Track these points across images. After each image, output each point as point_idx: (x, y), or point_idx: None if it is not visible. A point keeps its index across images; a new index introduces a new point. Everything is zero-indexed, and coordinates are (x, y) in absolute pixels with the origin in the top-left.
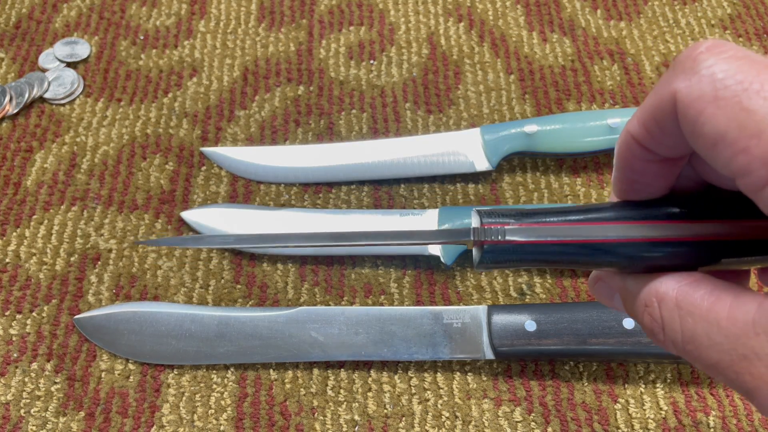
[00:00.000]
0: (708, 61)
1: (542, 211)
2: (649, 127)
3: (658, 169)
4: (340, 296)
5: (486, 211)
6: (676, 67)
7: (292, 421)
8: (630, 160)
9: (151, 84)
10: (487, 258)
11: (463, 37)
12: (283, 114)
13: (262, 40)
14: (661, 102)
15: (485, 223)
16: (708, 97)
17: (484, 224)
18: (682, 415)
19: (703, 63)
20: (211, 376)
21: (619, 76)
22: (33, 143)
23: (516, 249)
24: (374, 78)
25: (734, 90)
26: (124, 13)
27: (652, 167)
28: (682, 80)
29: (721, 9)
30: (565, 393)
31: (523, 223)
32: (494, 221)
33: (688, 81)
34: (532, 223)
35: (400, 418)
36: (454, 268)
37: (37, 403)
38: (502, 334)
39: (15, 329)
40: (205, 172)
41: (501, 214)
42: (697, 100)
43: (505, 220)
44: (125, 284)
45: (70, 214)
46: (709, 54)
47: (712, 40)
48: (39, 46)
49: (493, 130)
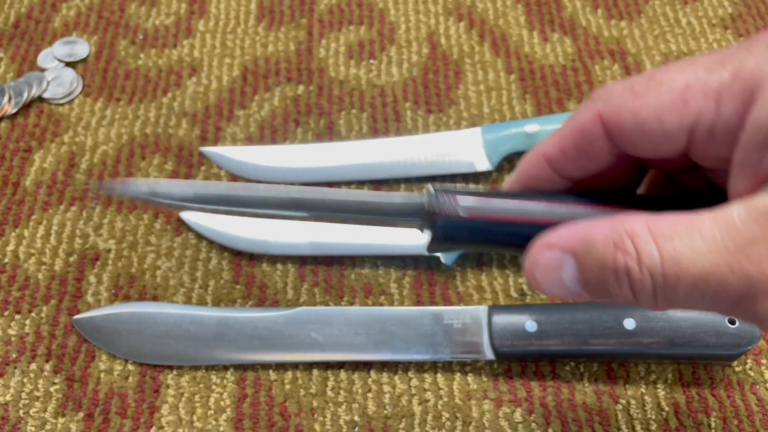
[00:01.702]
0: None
1: (496, 192)
2: (567, 150)
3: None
4: (340, 297)
5: (440, 186)
6: (591, 98)
7: (291, 421)
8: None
9: (150, 84)
10: (440, 232)
11: (463, 36)
12: (282, 114)
13: (262, 40)
14: (583, 126)
15: (440, 197)
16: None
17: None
18: (682, 415)
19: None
20: (211, 376)
21: (620, 76)
22: (32, 143)
23: (468, 226)
24: (374, 77)
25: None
26: (123, 12)
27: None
28: (601, 104)
29: (722, 8)
30: (565, 394)
31: (477, 198)
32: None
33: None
34: (486, 196)
35: (400, 419)
36: (455, 269)
37: (35, 403)
38: (503, 334)
39: (14, 329)
40: (205, 171)
41: (455, 191)
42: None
43: (460, 195)
44: (124, 284)
45: (69, 214)
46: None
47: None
48: (38, 46)
49: (494, 130)
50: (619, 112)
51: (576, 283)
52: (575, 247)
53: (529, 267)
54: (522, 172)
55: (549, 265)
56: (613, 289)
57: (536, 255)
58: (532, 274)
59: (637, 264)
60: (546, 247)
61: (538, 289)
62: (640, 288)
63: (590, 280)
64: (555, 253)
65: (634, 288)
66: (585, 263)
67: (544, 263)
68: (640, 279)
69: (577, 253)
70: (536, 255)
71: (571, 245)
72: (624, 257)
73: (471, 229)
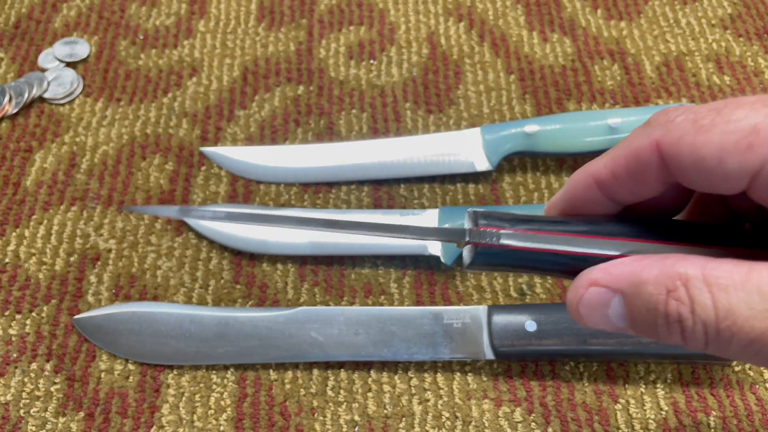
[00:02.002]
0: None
1: (538, 219)
2: (618, 175)
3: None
4: (340, 296)
5: (482, 212)
6: (650, 124)
7: (291, 421)
8: (583, 197)
9: (150, 84)
10: (479, 260)
11: (463, 36)
12: (282, 114)
13: (262, 40)
14: (638, 152)
15: (481, 225)
16: (691, 131)
17: (480, 226)
18: (682, 415)
19: (672, 113)
20: (211, 376)
21: (620, 76)
22: (32, 143)
23: (509, 254)
24: (374, 78)
25: (711, 119)
26: (123, 12)
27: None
28: (660, 131)
29: (721, 9)
30: (565, 393)
31: (519, 229)
32: (490, 224)
33: (666, 129)
34: (528, 229)
35: (400, 419)
36: (454, 269)
37: (36, 403)
38: (503, 334)
39: (14, 329)
40: (205, 172)
41: (497, 218)
42: (682, 138)
43: (501, 224)
44: (125, 284)
45: (69, 214)
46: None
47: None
48: (38, 46)
49: (493, 130)
50: (679, 145)
51: (622, 321)
52: (624, 288)
53: (574, 301)
54: (569, 192)
55: (595, 301)
56: (662, 332)
57: (582, 290)
58: (576, 308)
59: (690, 313)
60: (593, 284)
61: (581, 323)
62: (691, 336)
63: (638, 321)
64: (602, 290)
65: (685, 336)
66: (634, 304)
67: (589, 299)
68: (692, 328)
69: (625, 293)
70: (582, 290)
71: (620, 285)
72: (676, 304)
73: (512, 259)
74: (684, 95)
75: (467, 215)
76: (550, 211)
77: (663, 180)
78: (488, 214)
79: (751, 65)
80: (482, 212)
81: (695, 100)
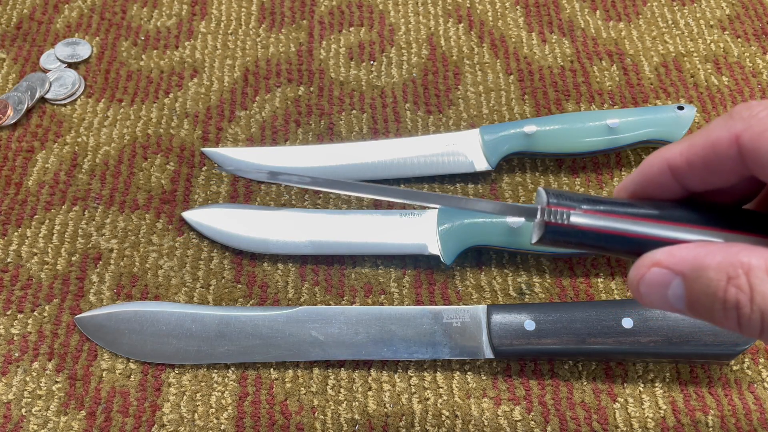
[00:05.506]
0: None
1: (607, 200)
2: (694, 163)
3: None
4: (340, 296)
5: (553, 192)
6: (731, 116)
7: (292, 420)
8: (656, 181)
9: (152, 84)
10: (548, 237)
11: (462, 37)
12: (283, 114)
13: (263, 41)
14: (716, 143)
15: (551, 204)
16: None
17: (551, 205)
18: (680, 414)
19: (756, 108)
20: (212, 375)
21: (618, 77)
22: (34, 143)
23: (577, 233)
24: (374, 78)
25: None
26: (125, 13)
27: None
28: (741, 125)
29: (720, 9)
30: (564, 392)
31: (588, 210)
32: (560, 203)
33: (748, 123)
34: (597, 210)
35: (400, 417)
36: (454, 268)
37: (38, 402)
38: (502, 333)
39: (16, 328)
40: (206, 172)
41: (567, 197)
42: (763, 133)
43: (572, 203)
44: (126, 284)
45: (71, 214)
46: (759, 105)
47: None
48: (40, 47)
49: (493, 131)
50: (759, 140)
51: (681, 303)
52: (686, 271)
53: (635, 280)
54: (642, 174)
55: (656, 281)
56: (718, 317)
57: (644, 270)
58: (637, 286)
59: (749, 301)
60: (656, 264)
61: (640, 301)
62: (747, 324)
63: (696, 304)
64: (664, 271)
65: (741, 322)
66: (694, 288)
67: (651, 279)
68: (748, 316)
69: (687, 276)
70: (644, 270)
71: (682, 268)
72: (736, 291)
73: (580, 237)
74: (682, 96)
75: (538, 193)
76: (620, 192)
77: (738, 172)
78: (559, 193)
79: (749, 66)
80: (554, 191)
81: (693, 100)
